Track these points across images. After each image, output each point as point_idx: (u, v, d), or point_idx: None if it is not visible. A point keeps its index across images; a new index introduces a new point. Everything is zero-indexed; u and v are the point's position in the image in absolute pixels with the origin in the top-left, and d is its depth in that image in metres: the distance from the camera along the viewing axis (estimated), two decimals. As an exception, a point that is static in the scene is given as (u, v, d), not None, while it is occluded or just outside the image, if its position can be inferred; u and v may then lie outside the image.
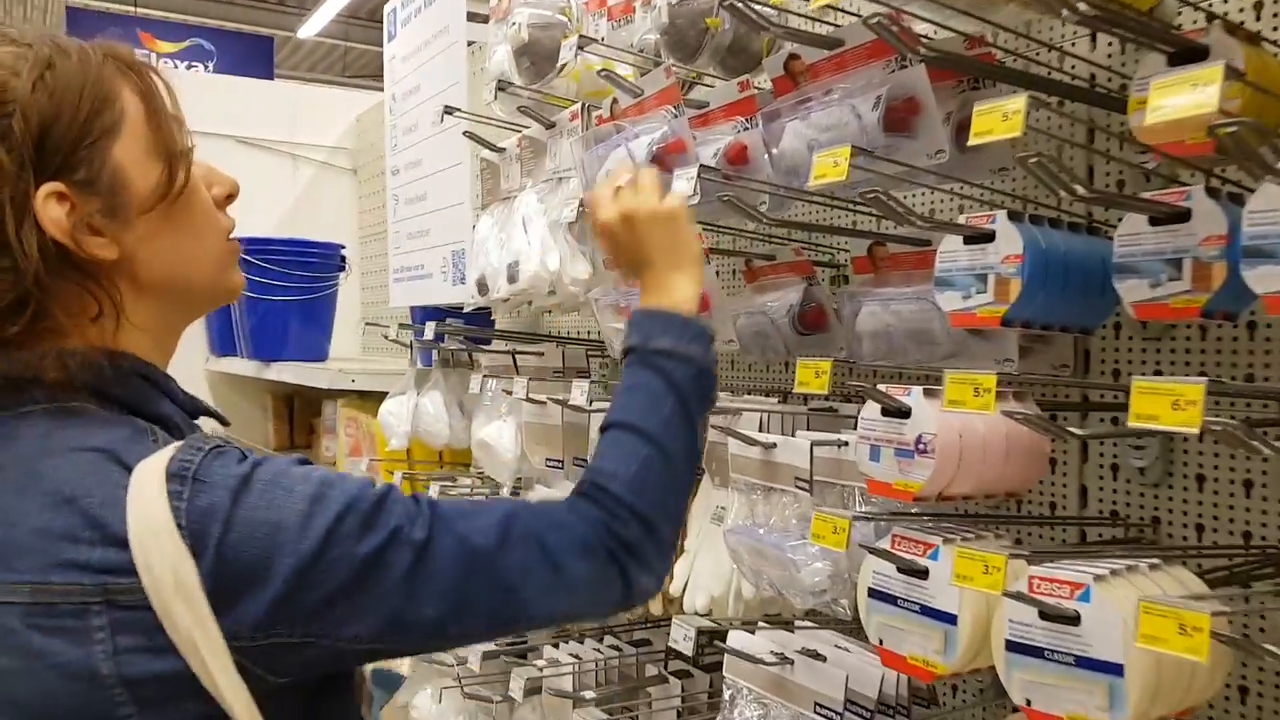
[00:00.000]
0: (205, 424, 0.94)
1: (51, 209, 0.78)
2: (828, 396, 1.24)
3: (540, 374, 1.83)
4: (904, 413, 0.99)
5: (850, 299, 1.32)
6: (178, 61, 5.78)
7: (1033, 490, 1.28)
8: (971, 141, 0.81)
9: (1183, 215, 0.85)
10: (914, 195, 1.41)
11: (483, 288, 1.69)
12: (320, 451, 3.15)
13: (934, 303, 1.19)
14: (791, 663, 1.23)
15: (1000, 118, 0.78)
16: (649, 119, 1.33)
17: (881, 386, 1.01)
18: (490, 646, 1.86)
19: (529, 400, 1.61)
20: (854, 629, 1.33)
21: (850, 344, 1.32)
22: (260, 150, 3.21)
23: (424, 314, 2.27)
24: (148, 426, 0.81)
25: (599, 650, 1.75)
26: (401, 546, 0.79)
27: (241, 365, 2.95)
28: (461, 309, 1.95)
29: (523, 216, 1.58)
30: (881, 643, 1.05)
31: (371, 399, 2.32)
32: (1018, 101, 0.78)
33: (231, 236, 0.92)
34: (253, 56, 6.17)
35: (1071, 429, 0.89)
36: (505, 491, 1.83)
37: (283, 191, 3.40)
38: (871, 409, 1.02)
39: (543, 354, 1.88)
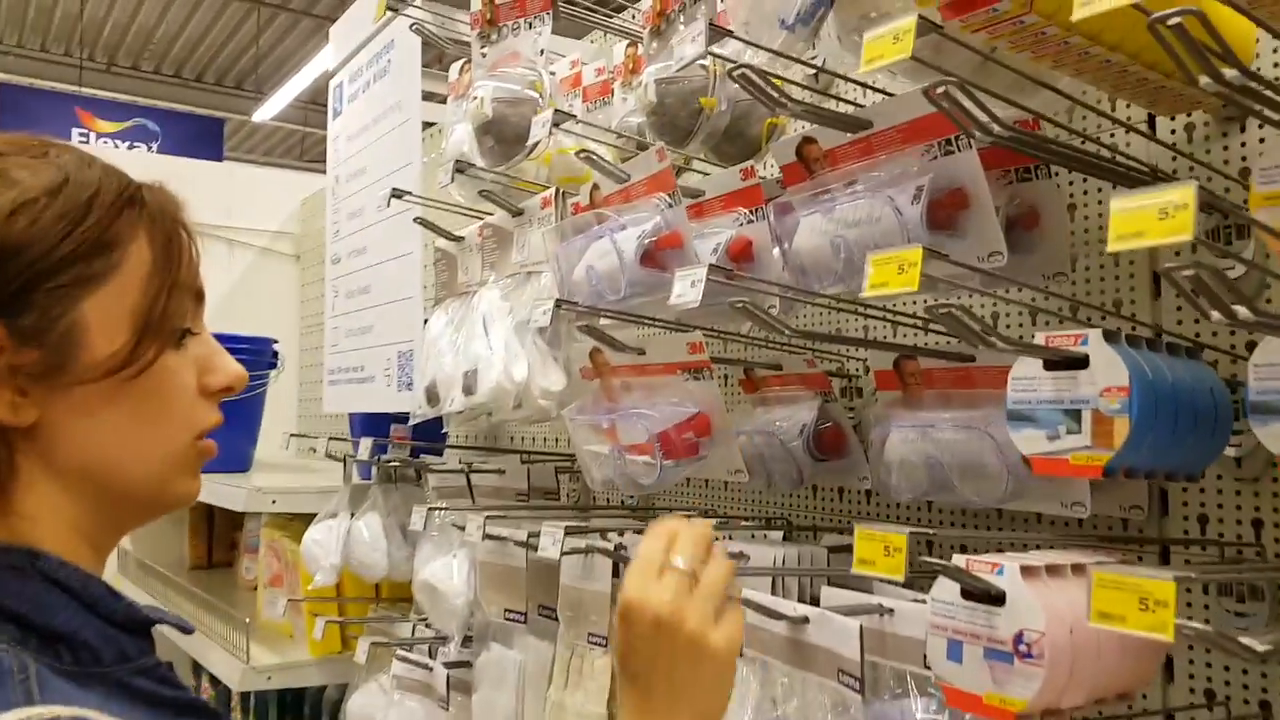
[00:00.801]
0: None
1: None
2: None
3: (499, 497, 1.57)
4: (995, 598, 0.76)
5: (876, 421, 1.11)
6: (118, 142, 5.54)
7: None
8: (1117, 246, 0.60)
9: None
10: (965, 302, 1.21)
11: (433, 397, 1.45)
12: (240, 573, 2.80)
13: (988, 433, 0.99)
14: None
15: (1157, 214, 0.57)
16: (637, 208, 1.12)
17: (958, 558, 0.77)
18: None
19: (487, 538, 1.35)
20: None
21: (876, 474, 1.10)
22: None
23: (364, 421, 2.01)
24: (16, 665, 0.64)
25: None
26: None
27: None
28: (405, 415, 1.69)
29: (483, 315, 1.35)
30: None
31: (300, 520, 2.03)
32: (1184, 193, 0.57)
33: (205, 436, 0.78)
34: (201, 138, 5.97)
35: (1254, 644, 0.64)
36: (453, 646, 1.53)
37: (217, 279, 3.11)
38: (947, 588, 0.79)
39: (504, 472, 1.63)
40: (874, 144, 1.00)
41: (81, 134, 5.45)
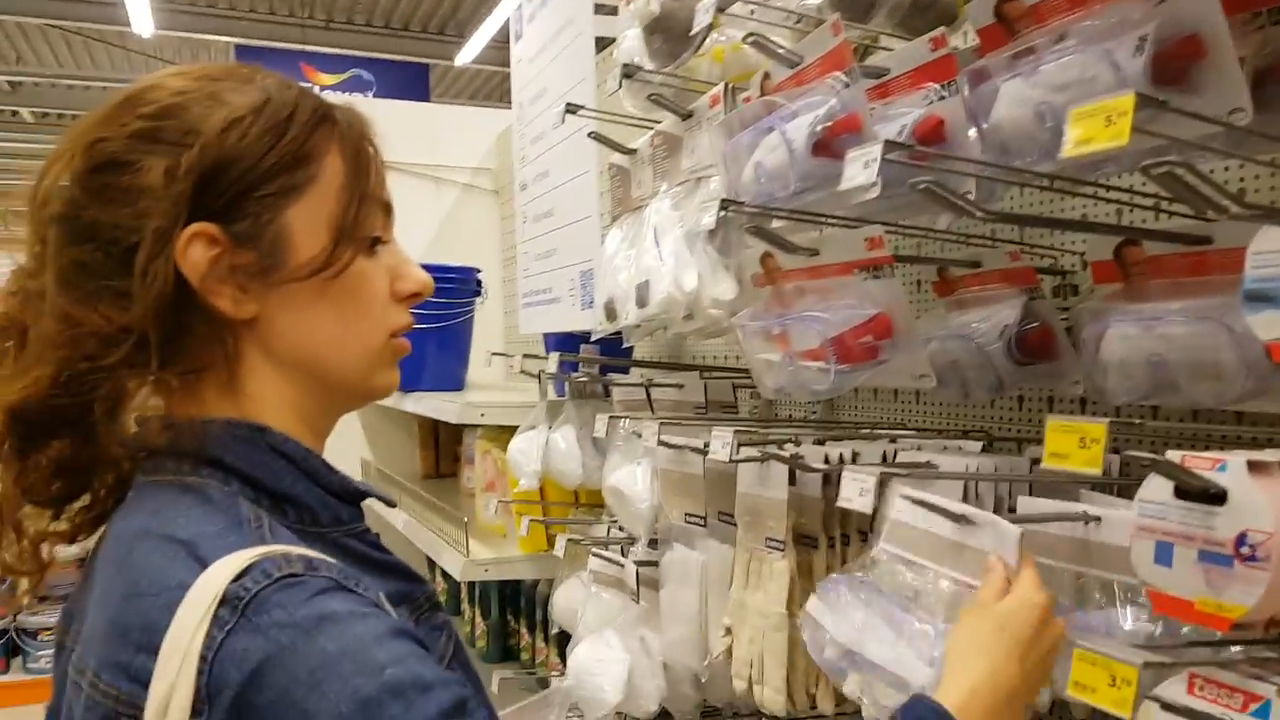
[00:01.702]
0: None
1: (195, 249, 0.74)
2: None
3: (678, 410, 1.56)
4: (1216, 496, 0.65)
5: (1092, 317, 0.98)
6: (339, 92, 5.95)
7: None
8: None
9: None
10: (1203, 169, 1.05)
11: (611, 313, 1.44)
12: (462, 482, 3.01)
13: (1225, 323, 0.85)
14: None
15: None
16: (810, 92, 1.03)
17: (1172, 454, 0.67)
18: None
19: (661, 445, 1.34)
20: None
21: (1092, 377, 0.98)
22: (402, 173, 3.10)
23: (557, 341, 2.05)
24: (252, 515, 0.73)
25: (756, 745, 1.45)
26: None
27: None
28: (585, 336, 1.71)
29: (654, 227, 1.31)
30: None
31: (509, 432, 2.14)
32: None
33: (399, 334, 0.86)
34: (409, 84, 6.28)
35: None
36: (640, 546, 1.56)
37: (426, 215, 3.27)
38: (1158, 487, 0.68)
39: (683, 386, 1.61)
40: (1088, -8, 0.86)
41: (306, 87, 5.93)
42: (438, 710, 0.64)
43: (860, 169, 0.86)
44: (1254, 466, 0.64)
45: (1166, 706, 0.67)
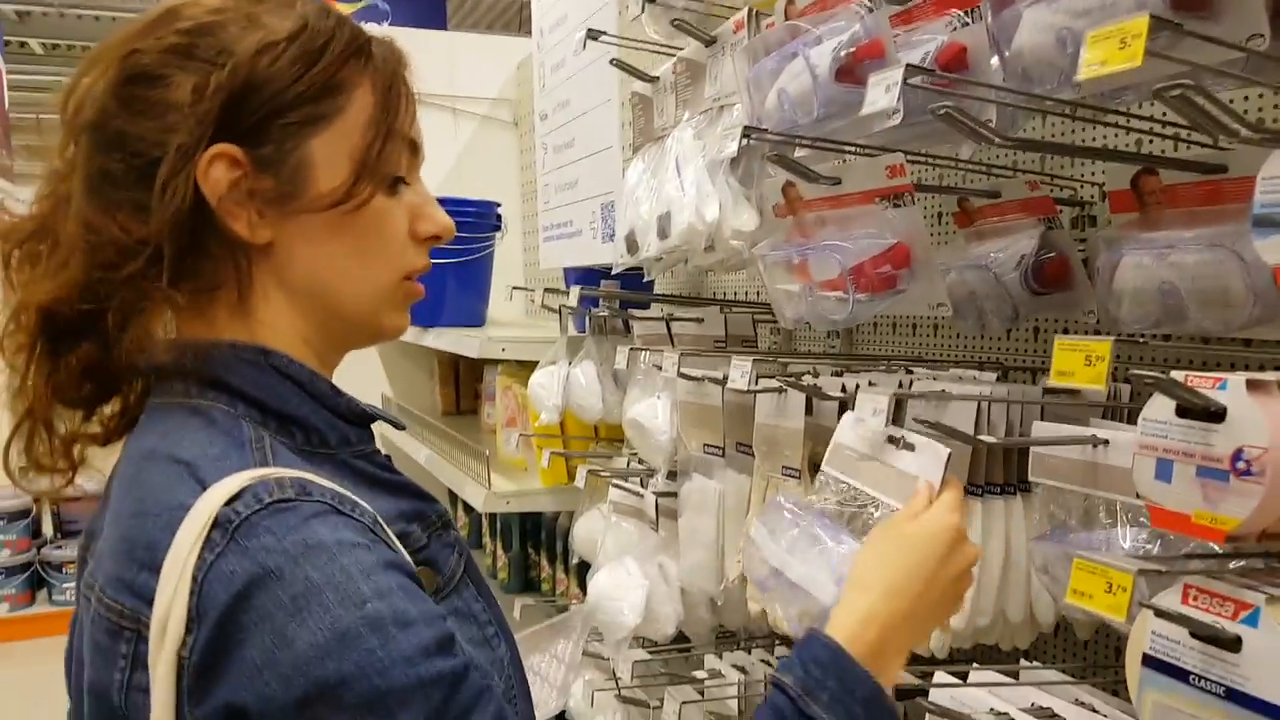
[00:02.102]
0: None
1: (216, 170, 0.74)
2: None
3: (698, 344, 1.58)
4: (1215, 414, 0.67)
5: (1107, 246, 0.99)
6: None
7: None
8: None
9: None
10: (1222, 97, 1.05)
11: (631, 245, 1.45)
12: (483, 418, 3.05)
13: (1235, 251, 0.85)
14: (1019, 728, 0.93)
15: None
16: (834, 17, 1.03)
17: (1175, 373, 0.69)
18: (642, 653, 1.65)
19: (682, 377, 1.36)
20: (1115, 681, 1.02)
21: (1105, 306, 1.00)
22: (419, 104, 3.05)
23: (577, 275, 2.06)
24: (254, 437, 0.75)
25: (769, 664, 1.51)
26: None
27: (402, 330, 2.86)
28: (605, 271, 1.72)
29: (676, 157, 1.32)
30: (1159, 728, 0.74)
31: (529, 367, 2.16)
32: None
33: (414, 277, 0.86)
34: (426, 12, 6.17)
35: None
36: (660, 478, 1.59)
37: (443, 148, 3.22)
38: (1160, 406, 0.71)
39: (702, 320, 1.63)
40: (1109, -84, 0.85)
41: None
42: (416, 647, 0.65)
43: (882, 93, 0.86)
44: (1252, 385, 0.66)
45: (1161, 614, 0.70)
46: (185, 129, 0.73)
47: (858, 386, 1.20)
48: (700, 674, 1.50)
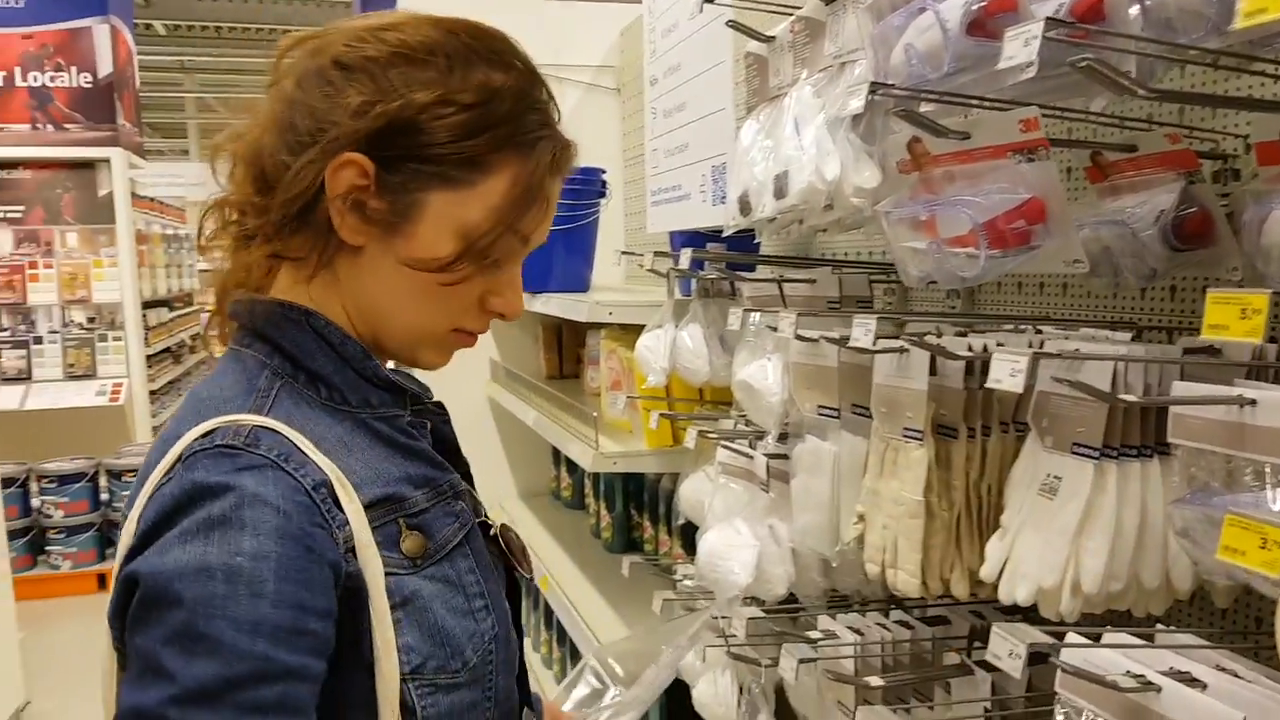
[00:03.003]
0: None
1: (346, 173, 0.81)
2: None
3: (811, 305, 1.57)
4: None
5: (1254, 200, 0.95)
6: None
7: None
8: None
9: None
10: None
11: (745, 206, 1.45)
12: (585, 382, 3.11)
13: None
14: (1158, 689, 0.91)
15: None
16: (965, -31, 1.01)
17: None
18: (756, 611, 1.67)
19: (798, 338, 1.36)
20: (1255, 647, 0.99)
21: (1252, 262, 0.96)
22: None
23: (683, 240, 2.07)
24: (265, 386, 0.82)
25: (885, 627, 1.51)
26: None
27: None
28: (721, 233, 1.72)
29: (794, 116, 1.31)
30: (1317, 694, 0.72)
31: (632, 331, 2.19)
32: None
33: (467, 332, 0.90)
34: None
35: None
36: (770, 439, 1.60)
37: (549, 117, 3.29)
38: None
39: (815, 281, 1.62)
40: None
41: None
42: (250, 618, 0.69)
43: (1020, 47, 0.84)
44: None
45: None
46: (341, 130, 0.80)
47: (985, 347, 1.18)
48: (814, 634, 1.51)
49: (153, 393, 6.15)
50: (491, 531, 0.96)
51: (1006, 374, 0.94)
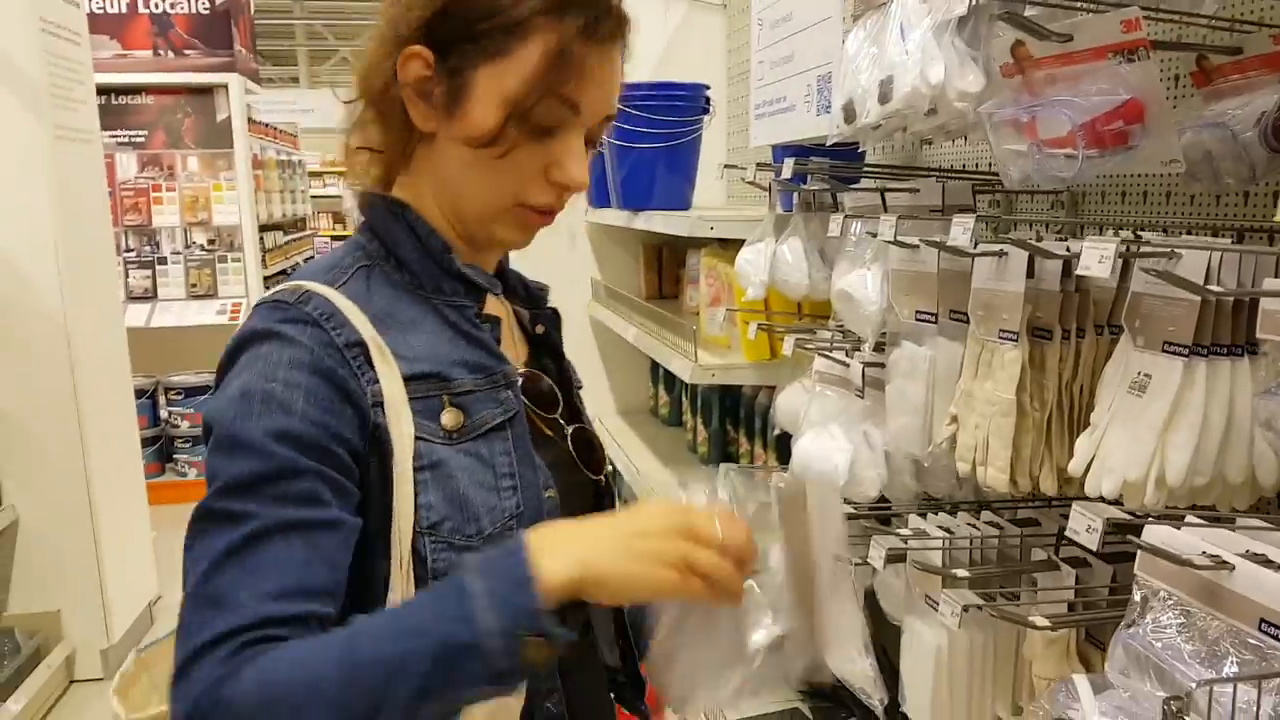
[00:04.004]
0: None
1: (412, 65, 0.90)
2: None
3: (913, 213, 1.60)
4: None
5: (1363, 98, 0.95)
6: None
7: None
8: None
9: None
10: None
11: (849, 114, 1.49)
12: (685, 302, 3.18)
13: None
14: (1231, 568, 0.96)
15: None
16: None
17: None
18: (848, 508, 1.75)
19: (897, 243, 1.41)
20: (1327, 538, 1.02)
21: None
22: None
23: (785, 153, 2.11)
24: (350, 263, 0.93)
25: (974, 526, 1.57)
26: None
27: (613, 215, 3.01)
28: (824, 144, 1.76)
29: (900, 23, 1.34)
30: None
31: (732, 247, 2.25)
32: None
33: (536, 209, 0.93)
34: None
35: None
36: (867, 348, 1.66)
37: (654, 33, 3.31)
38: None
39: (918, 191, 1.65)
40: None
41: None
42: (276, 426, 0.79)
43: (1125, -59, 0.87)
44: None
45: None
46: (405, 24, 0.90)
47: (1083, 250, 1.21)
48: (904, 531, 1.58)
49: None
50: (566, 433, 1.03)
51: (1095, 261, 0.98)
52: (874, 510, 1.76)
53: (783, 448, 2.37)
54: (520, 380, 0.98)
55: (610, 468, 1.08)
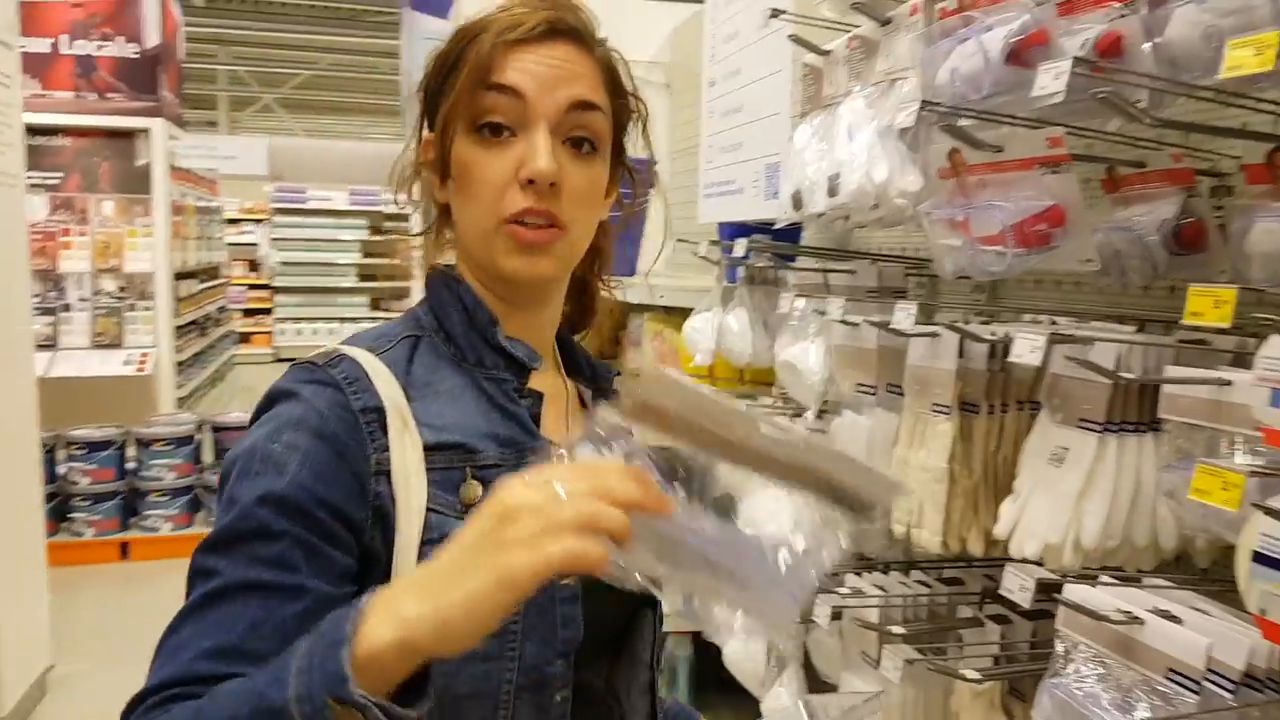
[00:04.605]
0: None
1: (426, 150, 0.96)
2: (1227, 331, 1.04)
3: (853, 294, 1.74)
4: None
5: (1242, 213, 1.12)
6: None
7: None
8: None
9: None
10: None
11: (797, 202, 1.63)
12: (625, 363, 3.27)
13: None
14: (1142, 622, 1.09)
15: None
16: (1004, 8, 1.18)
17: (1300, 317, 0.84)
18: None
19: (843, 322, 1.54)
20: (1217, 591, 1.16)
21: (1237, 266, 1.13)
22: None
23: (731, 231, 2.24)
24: (402, 332, 0.93)
25: (905, 584, 1.69)
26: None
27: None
28: (772, 224, 1.90)
29: (847, 124, 1.49)
30: (1264, 613, 0.90)
31: (675, 314, 2.36)
32: None
33: (519, 222, 0.88)
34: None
35: None
36: (810, 414, 1.78)
37: (597, 109, 3.44)
38: (1276, 345, 0.86)
39: (855, 272, 1.79)
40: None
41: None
42: (267, 489, 0.78)
43: (1051, 79, 1.02)
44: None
45: (1269, 511, 0.86)
46: (418, 119, 0.98)
47: (1007, 334, 1.36)
48: (843, 590, 1.69)
49: (179, 364, 6.16)
50: None
51: (1027, 350, 1.11)
52: (812, 569, 1.86)
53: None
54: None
55: None
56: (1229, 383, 1.01)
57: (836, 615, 1.63)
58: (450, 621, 0.63)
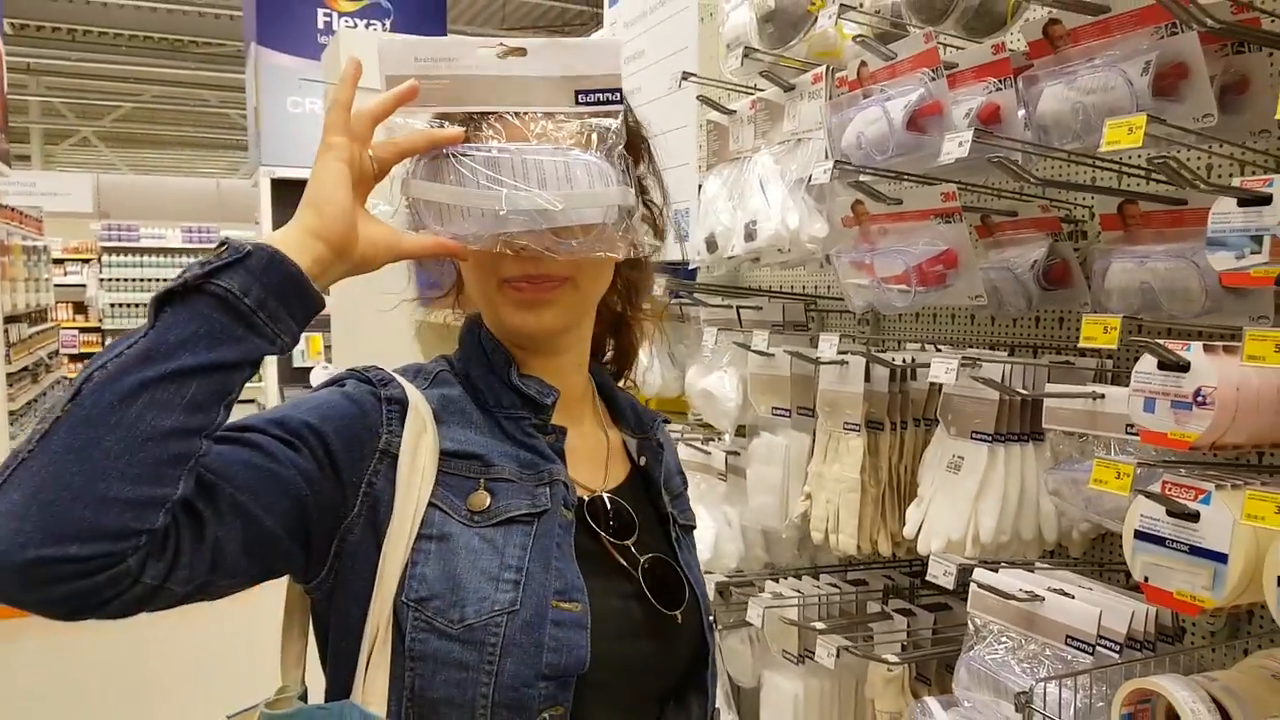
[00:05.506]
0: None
1: None
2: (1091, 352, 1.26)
3: (760, 326, 1.92)
4: (1183, 367, 1.04)
5: (1099, 255, 1.36)
6: (357, 20, 6.04)
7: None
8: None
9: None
10: (1182, 154, 1.42)
11: (711, 245, 1.79)
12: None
13: (1193, 261, 1.22)
14: (1042, 599, 1.30)
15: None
16: (903, 81, 1.39)
17: (1159, 341, 1.05)
18: (720, 577, 1.99)
19: (757, 353, 1.71)
20: (1093, 572, 1.39)
21: (1098, 298, 1.36)
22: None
23: (633, 269, 2.39)
24: (430, 372, 0.97)
25: (817, 587, 1.86)
26: None
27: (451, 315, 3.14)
28: (678, 266, 2.06)
29: (759, 177, 1.66)
30: (1147, 580, 1.11)
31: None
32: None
33: (512, 285, 0.91)
34: (427, 12, 6.36)
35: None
36: (727, 438, 1.94)
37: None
38: (1148, 363, 1.07)
39: (760, 309, 1.97)
40: (1111, 26, 1.22)
41: (326, 14, 6.08)
42: (300, 415, 0.85)
43: (956, 146, 1.22)
44: (1207, 348, 1.02)
45: (1149, 495, 1.07)
46: None
47: (905, 360, 1.56)
48: (765, 595, 1.85)
49: (12, 414, 5.73)
50: (639, 562, 0.96)
51: (943, 372, 1.31)
52: (731, 579, 2.02)
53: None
54: (575, 491, 0.94)
55: (710, 618, 1.03)
56: (1103, 396, 1.23)
57: (772, 608, 1.79)
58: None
